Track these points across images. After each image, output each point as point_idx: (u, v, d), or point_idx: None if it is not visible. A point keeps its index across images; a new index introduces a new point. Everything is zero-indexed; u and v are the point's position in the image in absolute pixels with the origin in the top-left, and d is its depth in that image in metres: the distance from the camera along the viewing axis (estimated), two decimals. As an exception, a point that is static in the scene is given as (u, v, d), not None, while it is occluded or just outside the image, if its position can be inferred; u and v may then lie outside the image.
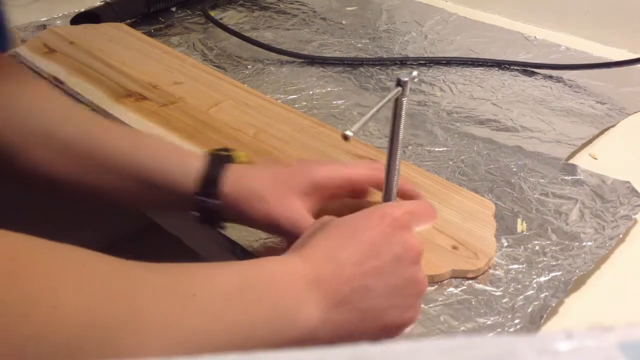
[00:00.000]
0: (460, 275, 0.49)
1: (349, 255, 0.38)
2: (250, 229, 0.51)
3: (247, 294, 0.35)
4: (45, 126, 0.49)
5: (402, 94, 0.42)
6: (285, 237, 0.48)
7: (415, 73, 0.43)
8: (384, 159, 0.46)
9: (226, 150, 0.51)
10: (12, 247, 0.29)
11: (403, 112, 0.43)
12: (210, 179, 0.47)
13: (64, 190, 0.50)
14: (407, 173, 0.59)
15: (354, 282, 0.38)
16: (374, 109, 0.41)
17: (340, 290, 0.37)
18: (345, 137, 0.39)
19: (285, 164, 0.58)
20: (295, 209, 0.46)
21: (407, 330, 0.41)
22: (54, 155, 0.48)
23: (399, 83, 0.42)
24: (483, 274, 0.49)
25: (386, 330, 0.40)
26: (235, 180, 0.47)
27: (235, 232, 0.52)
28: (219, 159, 0.48)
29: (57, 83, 0.72)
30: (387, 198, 0.47)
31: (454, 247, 0.50)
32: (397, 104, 0.43)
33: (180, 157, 0.48)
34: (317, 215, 0.46)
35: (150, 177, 0.48)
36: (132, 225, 0.80)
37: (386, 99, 0.42)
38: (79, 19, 0.87)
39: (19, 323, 0.27)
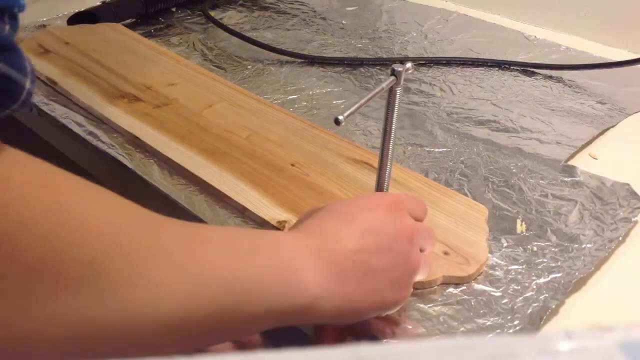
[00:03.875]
0: (451, 282, 0.49)
1: (349, 234, 0.40)
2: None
3: (257, 252, 0.36)
4: None
5: (396, 84, 0.43)
6: None
7: (409, 65, 0.44)
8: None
9: None
10: (42, 166, 0.30)
11: (397, 102, 0.44)
12: None
13: None
14: (400, 176, 0.58)
15: (354, 257, 0.39)
16: (367, 97, 0.43)
17: (341, 264, 0.38)
18: (337, 122, 0.40)
19: None
20: None
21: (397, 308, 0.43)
22: None
23: (393, 72, 0.43)
24: (474, 279, 0.49)
25: (384, 307, 0.41)
26: None
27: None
28: None
29: (50, 84, 0.72)
30: (379, 189, 0.48)
31: (446, 253, 0.50)
32: (391, 93, 0.44)
33: None
34: None
35: None
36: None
37: (379, 87, 0.43)
38: (77, 19, 0.87)
39: (54, 233, 0.28)
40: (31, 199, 0.28)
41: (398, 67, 0.43)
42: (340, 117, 0.40)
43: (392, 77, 0.43)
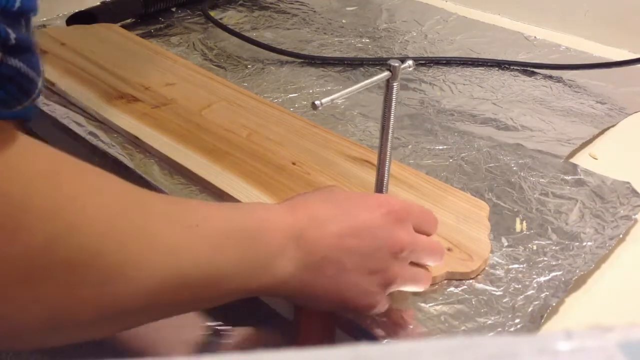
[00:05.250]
0: (454, 277, 0.49)
1: (335, 227, 0.40)
2: None
3: (239, 235, 0.37)
4: None
5: (393, 79, 0.43)
6: None
7: (410, 62, 0.44)
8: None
9: None
10: (51, 153, 0.31)
11: (394, 97, 0.44)
12: None
13: None
14: (400, 174, 0.58)
15: (328, 251, 0.39)
16: (354, 87, 0.42)
17: (316, 253, 0.39)
18: (314, 106, 0.40)
19: None
20: None
21: (374, 311, 0.43)
22: None
23: (389, 68, 0.43)
24: (477, 275, 0.49)
25: (345, 306, 0.41)
26: None
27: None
28: None
29: (48, 85, 0.72)
30: (378, 186, 0.47)
31: (448, 249, 0.50)
32: (387, 88, 0.44)
33: None
34: None
35: None
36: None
37: (370, 80, 0.43)
38: (75, 19, 0.86)
39: (53, 216, 0.28)
40: (34, 186, 0.28)
41: (394, 63, 0.43)
42: (317, 102, 0.40)
43: (387, 72, 0.44)
